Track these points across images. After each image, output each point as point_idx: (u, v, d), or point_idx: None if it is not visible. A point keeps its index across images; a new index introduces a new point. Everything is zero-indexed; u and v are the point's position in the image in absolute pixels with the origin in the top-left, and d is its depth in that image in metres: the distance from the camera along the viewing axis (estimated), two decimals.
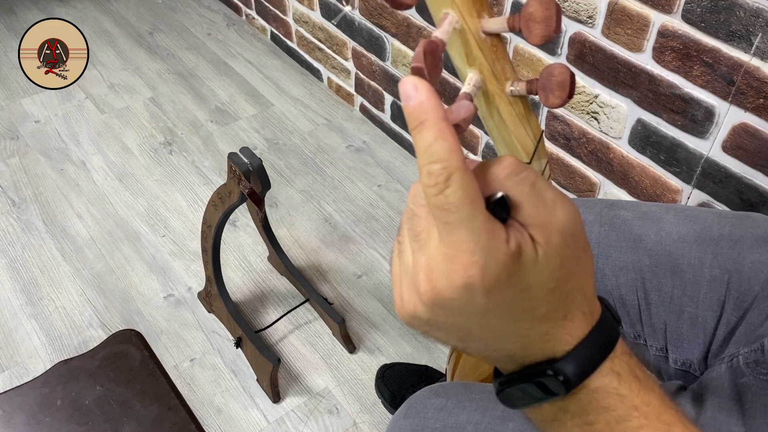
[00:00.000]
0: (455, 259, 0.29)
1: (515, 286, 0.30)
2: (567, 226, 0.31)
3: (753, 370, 0.57)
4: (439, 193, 0.28)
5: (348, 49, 1.78)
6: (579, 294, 0.33)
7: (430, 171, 0.28)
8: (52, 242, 1.50)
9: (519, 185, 0.31)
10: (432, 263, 0.30)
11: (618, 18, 1.08)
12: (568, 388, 0.33)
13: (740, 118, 0.99)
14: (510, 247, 0.29)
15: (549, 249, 0.30)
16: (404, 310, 0.32)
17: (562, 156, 1.33)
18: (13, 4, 2.29)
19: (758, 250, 0.63)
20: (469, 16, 0.35)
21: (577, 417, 0.34)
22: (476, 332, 0.32)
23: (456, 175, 0.28)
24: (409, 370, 1.24)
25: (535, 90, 0.37)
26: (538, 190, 0.31)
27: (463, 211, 0.28)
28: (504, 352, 0.34)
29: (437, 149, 0.28)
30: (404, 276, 0.32)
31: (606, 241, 0.70)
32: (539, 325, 0.32)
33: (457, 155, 0.28)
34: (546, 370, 0.33)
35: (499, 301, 0.30)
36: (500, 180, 0.31)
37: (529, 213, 0.30)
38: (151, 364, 0.83)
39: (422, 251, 0.31)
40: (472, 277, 0.29)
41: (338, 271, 1.47)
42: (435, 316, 0.31)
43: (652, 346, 0.68)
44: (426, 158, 0.28)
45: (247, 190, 1.03)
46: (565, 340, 0.33)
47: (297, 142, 1.79)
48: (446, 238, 0.29)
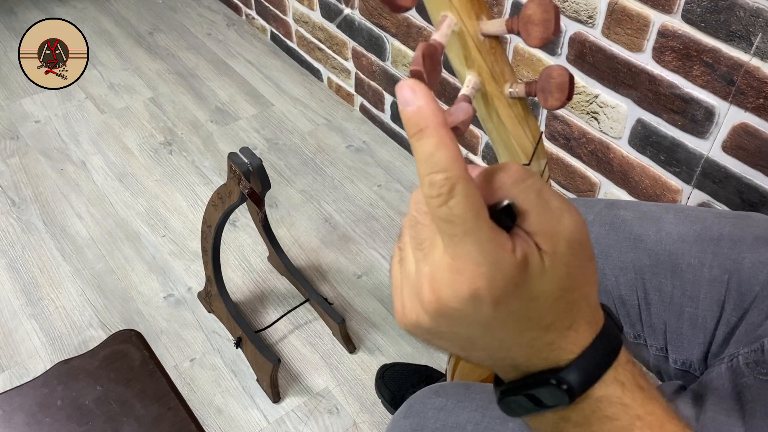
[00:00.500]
0: (461, 270, 0.28)
1: (522, 296, 0.29)
2: (574, 234, 0.30)
3: (753, 370, 0.57)
4: (443, 205, 0.27)
5: (348, 49, 1.78)
6: (584, 303, 0.32)
7: (432, 181, 0.27)
8: (52, 242, 1.50)
9: (525, 193, 0.30)
10: (436, 273, 0.29)
11: (618, 18, 1.07)
12: (572, 398, 0.32)
13: (740, 118, 0.99)
14: (516, 257, 0.29)
15: (555, 258, 0.30)
16: (406, 318, 0.32)
17: (562, 156, 1.33)
18: (13, 4, 2.29)
19: (758, 250, 0.63)
20: (468, 18, 0.35)
21: (579, 426, 0.34)
22: (480, 342, 0.32)
23: (459, 186, 0.27)
24: (409, 370, 1.24)
25: (534, 92, 0.37)
26: (545, 198, 0.30)
27: (468, 222, 0.27)
28: (507, 361, 0.33)
29: (439, 158, 0.27)
30: (406, 284, 0.32)
31: (606, 241, 0.70)
32: (544, 334, 0.32)
33: (459, 164, 0.27)
34: (549, 379, 0.32)
35: (506, 311, 0.30)
36: (506, 187, 0.30)
37: (535, 221, 0.30)
38: (151, 364, 0.83)
39: (426, 260, 0.30)
40: (480, 289, 0.28)
41: (338, 271, 1.47)
42: (438, 326, 0.31)
43: (652, 346, 0.68)
44: (427, 168, 0.27)
45: (247, 190, 1.03)
46: (569, 350, 0.32)
47: (297, 142, 1.79)
48: (451, 249, 0.28)
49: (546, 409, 0.34)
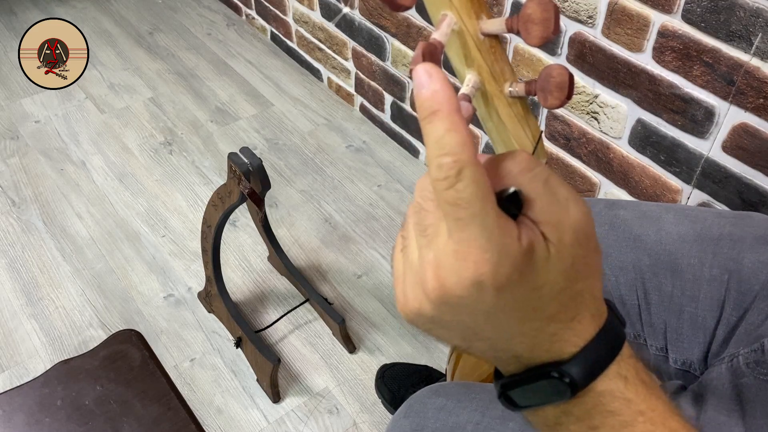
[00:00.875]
0: (466, 256, 0.28)
1: (526, 284, 0.29)
2: (580, 225, 0.30)
3: (753, 370, 0.57)
4: (450, 188, 0.27)
5: (348, 49, 1.78)
6: (588, 295, 0.32)
7: (441, 164, 0.27)
8: (52, 242, 1.50)
9: (532, 181, 0.30)
10: (441, 259, 0.29)
11: (618, 18, 1.07)
12: (574, 391, 0.32)
13: (740, 118, 0.99)
14: (522, 244, 0.28)
15: (561, 248, 0.29)
16: (408, 307, 0.31)
17: (562, 156, 1.33)
18: (13, 4, 2.29)
19: (758, 250, 0.63)
20: (468, 17, 0.35)
21: (581, 421, 0.34)
22: (482, 332, 0.31)
23: (468, 170, 0.27)
24: (409, 370, 1.24)
25: (533, 91, 0.37)
26: (552, 187, 0.30)
27: (474, 206, 0.27)
28: (509, 353, 0.33)
29: (449, 141, 0.27)
30: (409, 272, 0.31)
31: (606, 241, 0.70)
32: (548, 326, 0.31)
33: (469, 149, 0.27)
34: (551, 372, 0.32)
35: (510, 300, 0.29)
36: (513, 175, 0.30)
37: (541, 210, 0.30)
38: (151, 364, 0.83)
39: (430, 247, 0.29)
40: (484, 275, 0.28)
41: (338, 271, 1.47)
42: (441, 314, 0.30)
43: (652, 345, 0.68)
44: (437, 150, 0.27)
45: (247, 190, 1.03)
46: (572, 342, 0.32)
47: (297, 142, 1.79)
48: (456, 234, 0.28)
49: (547, 403, 0.33)
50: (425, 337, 0.34)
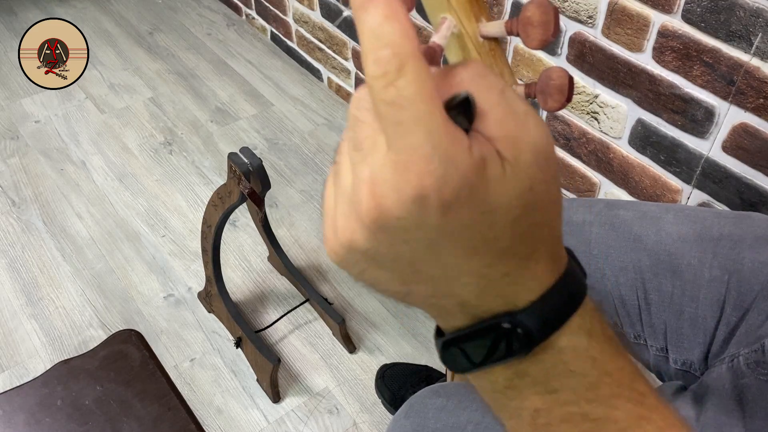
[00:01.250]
0: (407, 166, 0.23)
1: (477, 206, 0.24)
2: (539, 144, 0.25)
3: (753, 370, 0.58)
4: (389, 85, 0.23)
5: (348, 49, 1.78)
6: (547, 230, 0.27)
7: (378, 58, 0.23)
8: (52, 242, 1.50)
9: (486, 90, 0.25)
10: (378, 175, 0.24)
11: (618, 18, 1.07)
12: (530, 346, 0.28)
13: (740, 118, 0.99)
14: (474, 156, 0.24)
15: (518, 167, 0.25)
16: (338, 240, 0.26)
17: (562, 156, 1.33)
18: (13, 4, 2.29)
19: (758, 250, 0.63)
20: (467, 20, 0.35)
21: (537, 384, 0.29)
22: (424, 269, 0.26)
23: (410, 64, 0.23)
24: (409, 370, 1.24)
25: (533, 94, 0.37)
26: (509, 98, 0.26)
27: (418, 107, 0.23)
28: (454, 299, 0.28)
29: (387, 31, 0.23)
30: (340, 199, 0.26)
31: (606, 241, 0.70)
32: (500, 262, 0.26)
33: (411, 40, 0.23)
34: (502, 322, 0.27)
35: (456, 224, 0.24)
36: (465, 83, 0.26)
37: (496, 124, 0.25)
38: (151, 364, 0.83)
39: (365, 162, 0.24)
40: (427, 188, 0.23)
41: (338, 271, 1.47)
42: (377, 245, 0.25)
43: (653, 346, 0.68)
44: (373, 43, 0.23)
45: (247, 190, 1.03)
46: (528, 287, 0.27)
47: (297, 142, 1.79)
48: (397, 142, 0.23)
49: (498, 362, 0.28)
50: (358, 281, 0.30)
